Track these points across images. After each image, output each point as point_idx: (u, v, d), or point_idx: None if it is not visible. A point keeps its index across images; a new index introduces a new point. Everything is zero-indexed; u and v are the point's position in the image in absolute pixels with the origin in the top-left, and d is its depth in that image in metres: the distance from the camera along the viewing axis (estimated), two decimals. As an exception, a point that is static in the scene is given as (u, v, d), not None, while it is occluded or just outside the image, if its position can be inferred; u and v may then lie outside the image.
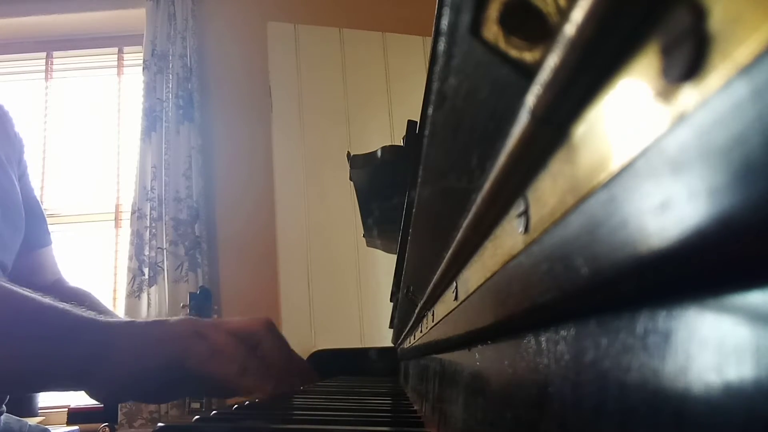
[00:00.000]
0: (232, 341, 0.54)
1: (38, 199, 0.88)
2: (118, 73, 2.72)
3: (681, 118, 0.08)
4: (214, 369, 0.51)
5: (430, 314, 0.48)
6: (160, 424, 0.40)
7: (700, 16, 0.08)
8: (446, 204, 0.30)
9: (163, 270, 2.27)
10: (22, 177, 0.83)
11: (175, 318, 0.58)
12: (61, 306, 0.54)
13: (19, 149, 0.83)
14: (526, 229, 0.16)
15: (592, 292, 0.12)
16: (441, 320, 0.39)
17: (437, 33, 0.20)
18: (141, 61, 2.49)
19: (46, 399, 2.14)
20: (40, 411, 2.10)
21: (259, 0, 2.56)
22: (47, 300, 0.54)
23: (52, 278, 0.87)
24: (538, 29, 0.14)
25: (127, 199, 2.47)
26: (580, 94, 0.12)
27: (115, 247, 2.54)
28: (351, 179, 0.92)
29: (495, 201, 0.19)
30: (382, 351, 1.30)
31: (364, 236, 1.10)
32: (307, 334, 2.09)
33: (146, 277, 2.27)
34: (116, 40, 2.71)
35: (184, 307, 2.01)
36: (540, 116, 0.13)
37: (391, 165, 0.82)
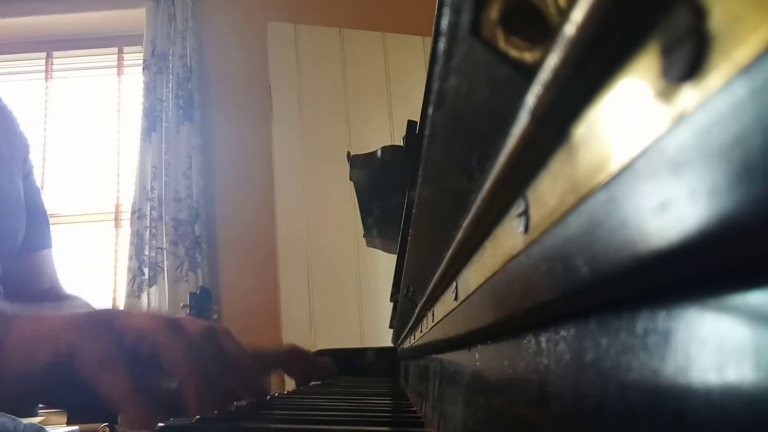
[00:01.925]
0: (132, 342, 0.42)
1: (43, 200, 0.86)
2: (118, 73, 2.72)
3: (681, 118, 0.08)
4: (97, 379, 0.39)
5: (430, 314, 0.48)
6: (160, 424, 0.40)
7: (700, 16, 0.08)
8: (446, 204, 0.30)
9: (163, 270, 2.27)
10: (27, 177, 0.82)
11: (90, 311, 0.45)
12: None
13: (24, 148, 0.82)
14: (526, 229, 0.16)
15: (592, 292, 0.12)
16: (441, 320, 0.39)
17: (437, 33, 0.20)
18: (141, 61, 2.49)
19: (46, 399, 2.14)
20: (40, 411, 2.10)
21: (259, 0, 2.56)
22: None
23: (49, 284, 0.84)
24: (538, 29, 0.14)
25: (127, 199, 2.47)
26: (580, 94, 0.12)
27: (115, 247, 2.54)
28: (351, 179, 0.92)
29: (495, 201, 0.19)
30: (382, 351, 1.30)
31: (364, 236, 1.10)
32: (307, 334, 2.09)
33: (146, 277, 2.27)
34: (116, 40, 2.71)
35: (184, 307, 2.01)
36: (540, 116, 0.13)
37: (391, 165, 0.82)
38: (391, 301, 1.05)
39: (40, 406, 2.09)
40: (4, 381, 0.42)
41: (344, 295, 2.18)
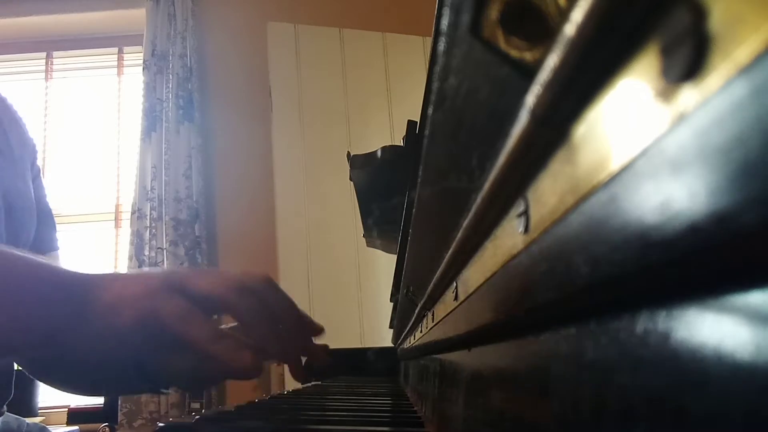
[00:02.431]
0: (217, 293, 0.46)
1: (48, 203, 0.87)
2: (118, 73, 2.72)
3: (681, 118, 0.08)
4: (184, 330, 0.43)
5: (430, 314, 0.48)
6: (160, 424, 0.40)
7: (700, 16, 0.08)
8: (446, 204, 0.30)
9: (163, 270, 2.27)
10: (35, 179, 0.83)
11: (160, 270, 0.53)
12: (34, 259, 0.47)
13: (32, 152, 0.84)
14: (526, 229, 0.16)
15: (592, 292, 0.12)
16: (441, 320, 0.39)
17: (437, 33, 0.20)
18: (141, 61, 2.49)
19: (46, 399, 2.14)
20: (40, 411, 2.10)
21: (259, 0, 2.56)
22: (16, 250, 0.47)
23: None
24: (538, 29, 0.14)
25: (127, 199, 2.47)
26: (580, 94, 0.12)
27: (115, 247, 2.54)
28: (351, 179, 0.92)
29: (495, 201, 0.19)
30: (382, 351, 1.30)
31: (364, 236, 1.10)
32: (307, 334, 2.08)
33: (146, 277, 2.27)
34: (116, 40, 2.71)
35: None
36: (540, 116, 0.13)
37: (391, 165, 0.82)
38: (391, 301, 1.05)
39: (40, 406, 2.10)
40: (91, 342, 0.45)
41: (344, 295, 2.18)
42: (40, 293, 0.45)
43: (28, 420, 0.81)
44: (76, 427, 1.94)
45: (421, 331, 0.58)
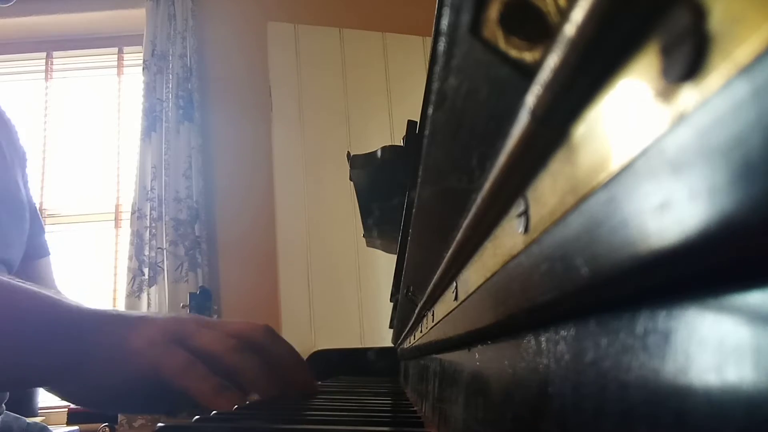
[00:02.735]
0: (219, 347, 0.47)
1: (37, 210, 0.87)
2: (118, 73, 2.72)
3: (681, 118, 0.08)
4: (186, 384, 0.44)
5: (430, 314, 0.48)
6: (160, 424, 0.40)
7: (700, 16, 0.08)
8: (446, 204, 0.30)
9: (163, 270, 2.27)
10: (24, 187, 0.83)
11: (162, 317, 0.50)
12: (42, 294, 0.48)
13: (23, 160, 0.84)
14: (526, 229, 0.16)
15: (592, 292, 0.12)
16: (441, 320, 0.39)
17: (437, 33, 0.20)
18: (141, 61, 2.49)
19: (46, 399, 2.14)
20: (39, 411, 2.10)
21: (259, 0, 2.56)
22: (25, 285, 0.48)
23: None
24: (538, 29, 0.14)
25: (127, 199, 2.47)
26: (580, 94, 0.12)
27: (115, 247, 2.54)
28: (351, 179, 0.92)
29: (495, 201, 0.19)
30: (382, 351, 1.29)
31: (364, 236, 1.10)
32: (307, 334, 2.09)
33: (146, 277, 2.27)
34: (116, 40, 2.71)
35: (184, 307, 2.01)
36: (540, 116, 0.13)
37: (391, 165, 0.82)
38: (391, 301, 1.05)
39: (40, 406, 2.10)
40: (96, 381, 0.47)
41: (344, 295, 2.18)
42: (47, 331, 0.46)
43: (32, 420, 0.81)
44: (76, 427, 1.94)
45: (420, 331, 0.58)
